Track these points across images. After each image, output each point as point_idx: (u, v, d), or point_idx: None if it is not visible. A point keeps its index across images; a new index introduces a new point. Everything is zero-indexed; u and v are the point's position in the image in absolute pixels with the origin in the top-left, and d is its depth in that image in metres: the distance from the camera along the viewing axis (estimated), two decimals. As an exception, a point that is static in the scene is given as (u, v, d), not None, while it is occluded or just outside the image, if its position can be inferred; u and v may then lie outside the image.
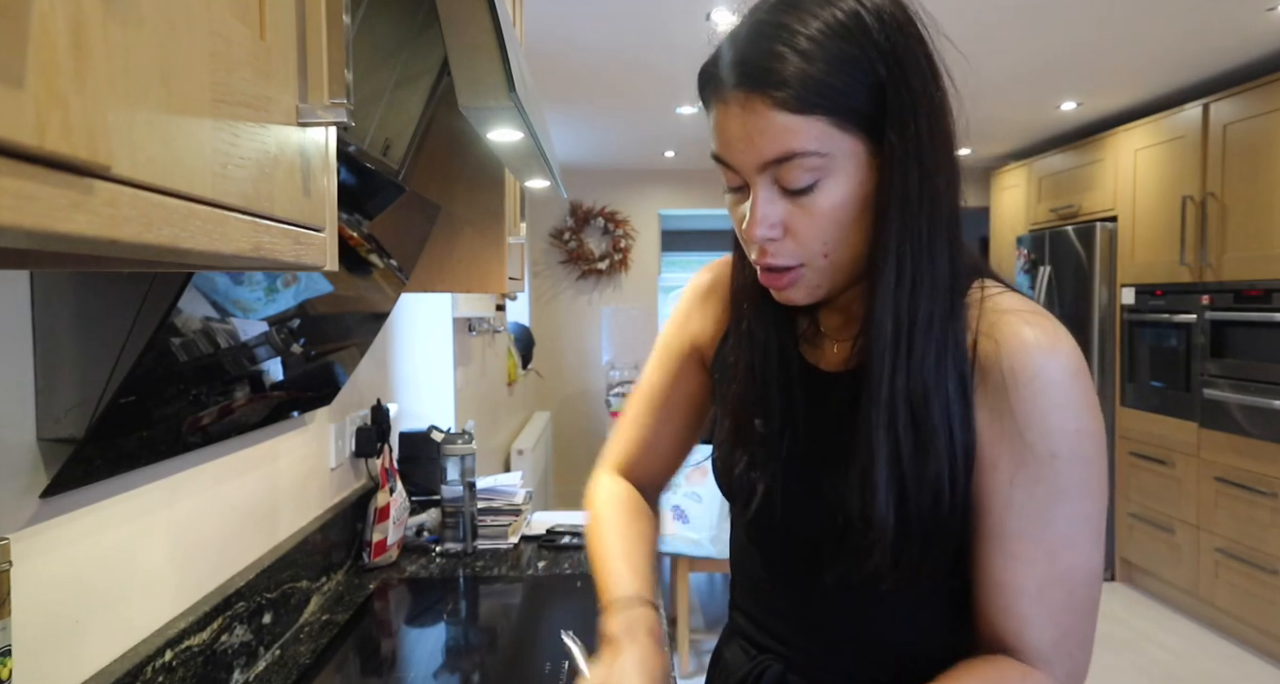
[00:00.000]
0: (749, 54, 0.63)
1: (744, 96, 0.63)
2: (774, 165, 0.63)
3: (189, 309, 0.84)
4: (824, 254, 0.67)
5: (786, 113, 0.61)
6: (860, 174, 0.65)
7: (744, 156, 0.65)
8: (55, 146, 0.24)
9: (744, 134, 0.64)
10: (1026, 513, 0.64)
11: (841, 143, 0.63)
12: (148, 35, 0.31)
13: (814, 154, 0.62)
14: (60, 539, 0.82)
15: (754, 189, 0.66)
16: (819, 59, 0.61)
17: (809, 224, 0.65)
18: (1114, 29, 2.78)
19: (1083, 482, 0.64)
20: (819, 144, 0.62)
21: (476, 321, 2.92)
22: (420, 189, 1.56)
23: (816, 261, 0.67)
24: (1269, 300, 3.02)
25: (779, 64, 0.61)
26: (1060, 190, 4.32)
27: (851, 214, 0.65)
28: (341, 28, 0.51)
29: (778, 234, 0.66)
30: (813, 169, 0.63)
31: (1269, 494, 3.02)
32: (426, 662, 1.29)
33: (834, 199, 0.64)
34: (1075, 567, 0.64)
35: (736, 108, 0.64)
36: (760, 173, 0.65)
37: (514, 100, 0.90)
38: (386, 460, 1.73)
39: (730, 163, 0.66)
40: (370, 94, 1.15)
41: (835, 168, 0.64)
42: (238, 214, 0.40)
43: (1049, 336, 0.64)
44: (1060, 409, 0.63)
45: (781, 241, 0.66)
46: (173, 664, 0.99)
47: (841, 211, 0.65)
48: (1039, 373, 0.63)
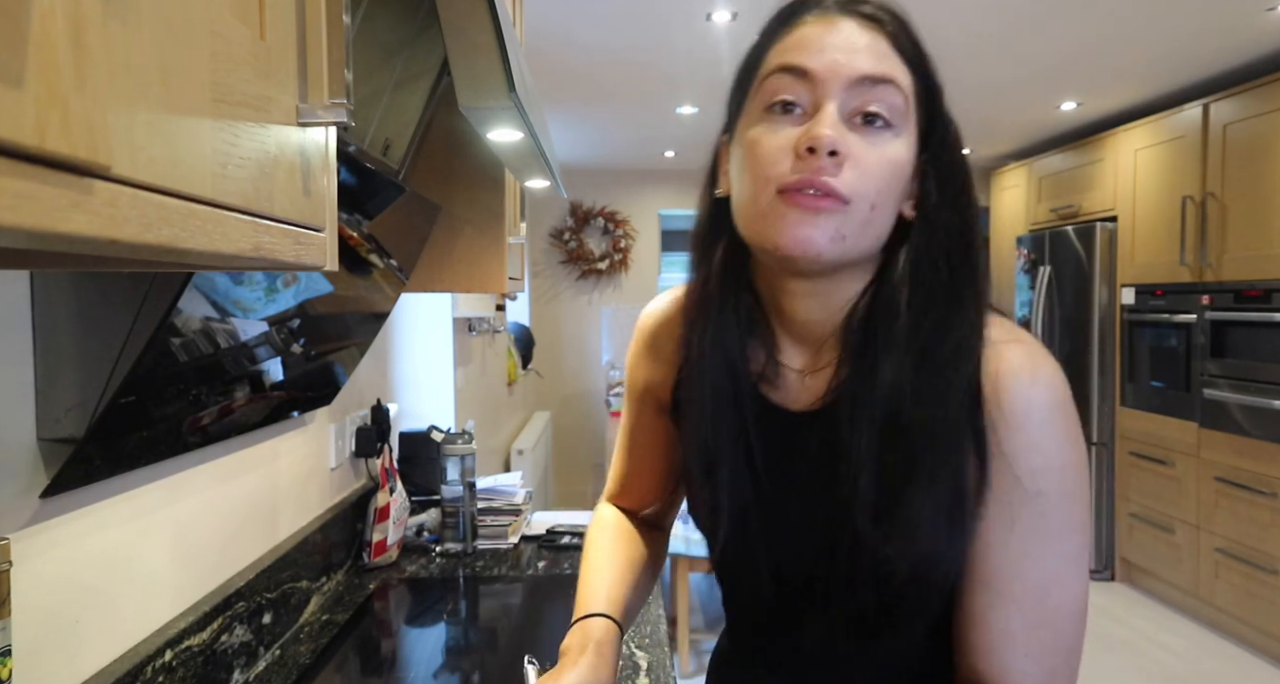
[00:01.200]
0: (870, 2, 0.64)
1: (855, 21, 0.62)
2: (865, 86, 0.60)
3: (189, 309, 0.84)
4: (872, 204, 0.61)
5: (895, 48, 0.62)
6: (911, 152, 0.63)
7: (838, 65, 0.61)
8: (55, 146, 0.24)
9: (848, 44, 0.61)
10: (1012, 551, 0.62)
11: (912, 110, 0.63)
12: (147, 35, 0.31)
13: (903, 94, 0.62)
14: (60, 539, 0.82)
15: (824, 107, 0.60)
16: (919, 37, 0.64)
17: (874, 160, 0.61)
18: (1114, 29, 2.78)
19: (1068, 517, 0.62)
20: (906, 90, 0.62)
21: (476, 321, 2.92)
22: (420, 189, 1.56)
23: (861, 208, 0.61)
24: (1269, 300, 3.02)
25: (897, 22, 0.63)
26: (1060, 190, 4.32)
27: (902, 179, 0.63)
28: (341, 28, 0.51)
29: (845, 148, 0.60)
30: (893, 109, 0.61)
31: (1269, 494, 3.02)
32: (426, 662, 1.29)
33: (899, 151, 0.62)
34: (1063, 605, 0.62)
35: (846, 22, 0.62)
36: (845, 90, 0.61)
37: (514, 100, 0.90)
38: (386, 460, 1.73)
39: (815, 69, 0.61)
40: (370, 94, 1.15)
41: (903, 125, 0.62)
42: (238, 214, 0.40)
43: (1029, 368, 0.62)
44: (1044, 446, 0.61)
45: (843, 166, 0.60)
46: (173, 664, 0.99)
47: (899, 168, 0.62)
48: (1022, 409, 0.61)
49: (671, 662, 1.25)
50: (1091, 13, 2.62)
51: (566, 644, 0.73)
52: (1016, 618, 0.62)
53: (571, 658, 0.71)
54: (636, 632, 1.34)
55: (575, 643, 0.73)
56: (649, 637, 1.32)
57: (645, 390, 0.85)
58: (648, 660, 1.23)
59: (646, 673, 1.20)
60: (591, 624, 0.75)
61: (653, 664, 1.22)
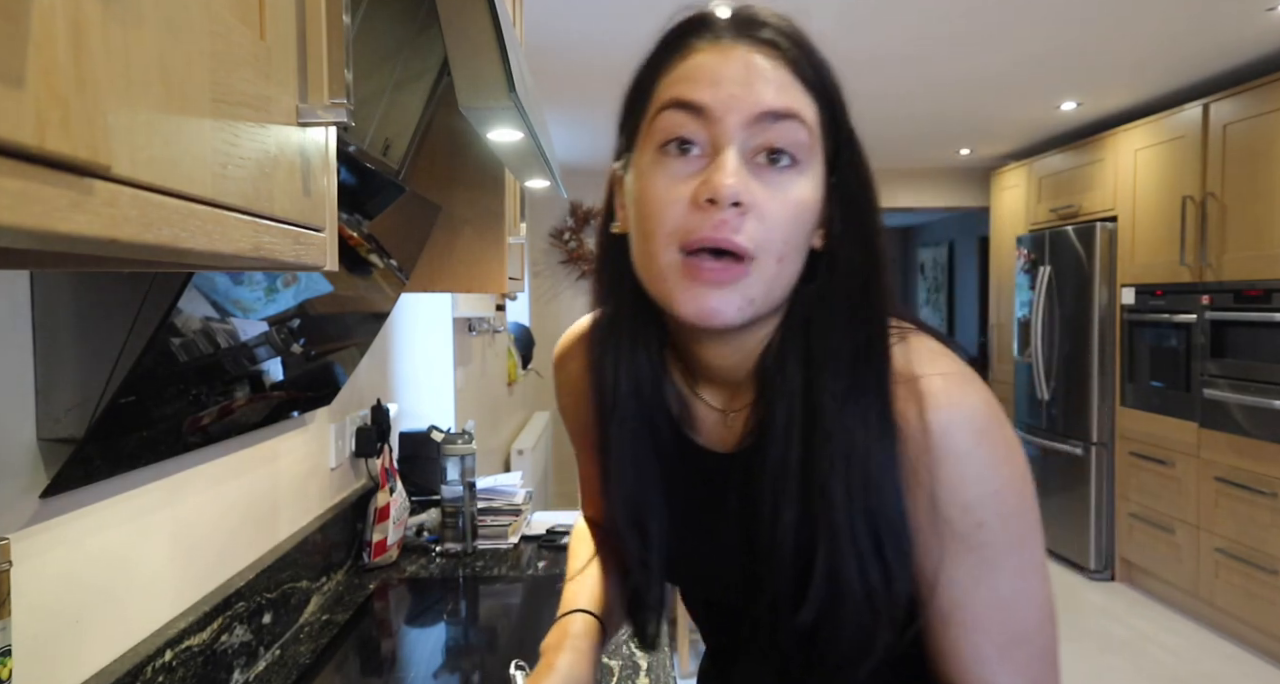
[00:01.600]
0: (758, 14, 0.59)
1: (751, 46, 0.57)
2: (767, 122, 0.56)
3: (189, 309, 0.84)
4: (779, 256, 0.57)
5: (795, 75, 0.57)
6: (818, 188, 0.59)
7: (737, 100, 0.56)
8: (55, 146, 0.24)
9: (745, 75, 0.56)
10: (964, 583, 0.59)
11: (818, 144, 0.59)
12: (147, 35, 0.31)
13: (807, 128, 0.57)
14: (60, 539, 0.82)
15: (726, 147, 0.56)
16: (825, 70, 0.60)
17: (778, 207, 0.56)
18: (1114, 29, 2.78)
19: (1015, 537, 0.59)
20: (812, 122, 0.57)
21: (476, 321, 2.92)
22: (420, 189, 1.56)
23: (768, 263, 0.57)
24: (1269, 300, 3.02)
25: (794, 39, 0.58)
26: (1060, 190, 4.32)
27: (809, 223, 0.59)
28: (341, 28, 0.51)
29: (750, 199, 0.55)
30: (797, 145, 0.57)
31: (1269, 494, 3.02)
32: (426, 662, 1.29)
33: (805, 191, 0.58)
34: (1029, 617, 0.60)
35: (741, 48, 0.57)
36: (744, 129, 0.56)
37: (514, 100, 0.90)
38: (386, 460, 1.73)
39: (710, 106, 0.56)
40: (370, 94, 1.15)
41: (809, 164, 0.58)
42: (238, 214, 0.40)
43: (941, 395, 0.58)
44: (973, 478, 0.57)
45: (746, 216, 0.56)
46: (173, 664, 0.99)
47: (805, 212, 0.58)
48: (940, 442, 0.57)
49: (671, 662, 1.25)
50: (1091, 13, 2.62)
51: (546, 643, 0.74)
52: (988, 644, 0.60)
53: (549, 658, 0.71)
54: (636, 632, 1.34)
55: (553, 642, 0.73)
56: (649, 637, 1.32)
57: (574, 425, 0.83)
58: (648, 660, 1.23)
59: (646, 673, 1.20)
60: (569, 621, 0.75)
61: (653, 664, 1.22)
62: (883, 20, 2.65)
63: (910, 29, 2.75)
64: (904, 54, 3.02)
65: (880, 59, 3.07)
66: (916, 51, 2.99)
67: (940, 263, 7.78)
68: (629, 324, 0.67)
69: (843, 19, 2.62)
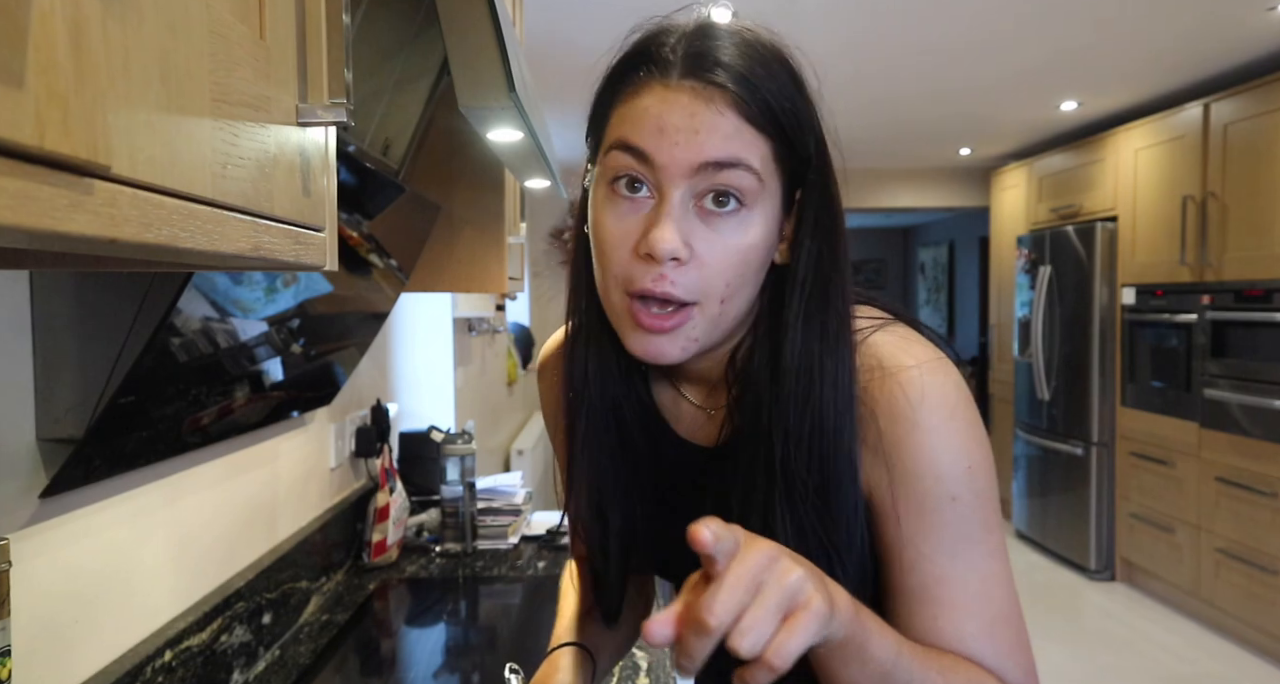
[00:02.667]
0: (711, 49, 0.57)
1: (699, 86, 0.56)
2: (708, 171, 0.56)
3: (189, 309, 0.84)
4: (722, 298, 0.59)
5: (743, 120, 0.57)
6: (774, 222, 0.60)
7: (680, 150, 0.56)
8: (55, 146, 0.24)
9: (690, 124, 0.56)
10: (943, 560, 0.60)
11: (771, 178, 0.59)
12: (147, 35, 0.31)
13: (755, 173, 0.57)
14: (60, 539, 0.82)
15: (669, 195, 0.57)
16: (781, 91, 0.58)
17: (720, 255, 0.58)
18: (1114, 29, 2.78)
19: (986, 516, 0.61)
20: (761, 167, 0.57)
21: (476, 322, 2.92)
22: (420, 189, 1.56)
23: (711, 305, 0.59)
24: (1269, 300, 3.02)
25: (745, 71, 0.57)
26: (1060, 190, 4.32)
27: (757, 260, 0.60)
28: (341, 28, 0.51)
29: (686, 255, 0.57)
30: (743, 191, 0.57)
31: (1269, 494, 3.02)
32: (426, 662, 1.29)
33: (750, 235, 0.58)
34: (1006, 600, 0.61)
35: (687, 95, 0.56)
36: (688, 178, 0.57)
37: (514, 100, 0.90)
38: (386, 460, 1.73)
39: (653, 155, 0.57)
40: (370, 94, 1.15)
41: (760, 202, 0.59)
42: (237, 214, 0.40)
43: (917, 388, 0.60)
44: (946, 453, 0.59)
45: (685, 268, 0.57)
46: (172, 664, 0.99)
47: (752, 253, 0.59)
48: (917, 421, 0.59)
49: (671, 662, 1.25)
50: (1092, 13, 2.62)
51: (534, 680, 0.75)
52: (969, 622, 0.60)
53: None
54: (636, 632, 1.34)
55: (541, 678, 0.75)
56: (649, 637, 1.32)
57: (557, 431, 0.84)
58: (648, 661, 1.23)
59: (646, 673, 1.20)
60: (558, 655, 0.76)
61: (653, 664, 1.22)
62: (884, 22, 2.65)
63: (912, 30, 2.75)
64: (905, 55, 3.02)
65: (882, 60, 3.07)
66: (918, 52, 2.99)
67: (940, 263, 7.78)
68: (598, 332, 0.68)
69: (843, 20, 2.62)
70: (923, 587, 0.61)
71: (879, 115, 3.93)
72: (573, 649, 0.77)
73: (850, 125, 3.91)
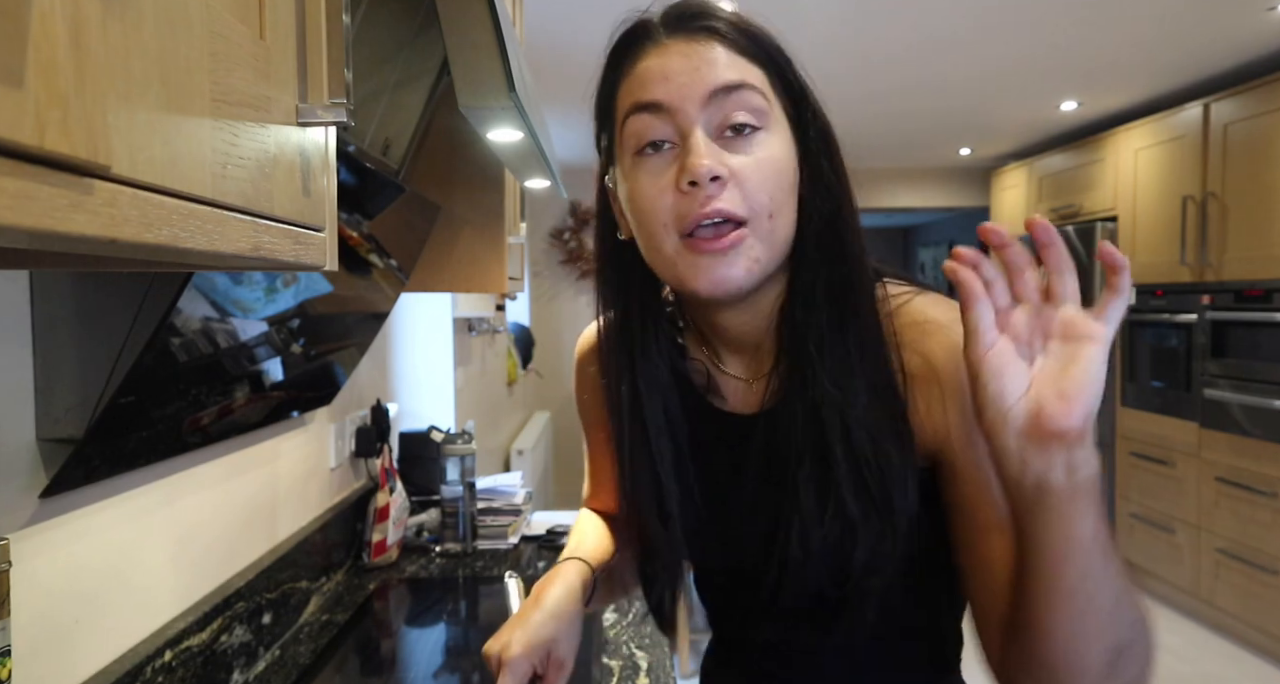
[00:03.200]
0: (689, 6, 0.64)
1: (687, 38, 0.62)
2: (720, 97, 0.60)
3: (189, 309, 0.84)
4: (769, 213, 0.61)
5: (735, 51, 0.62)
6: (787, 144, 0.64)
7: (687, 88, 0.60)
8: (55, 146, 0.24)
9: (689, 66, 0.61)
10: None
11: (775, 102, 0.63)
12: (147, 35, 0.31)
13: (759, 92, 0.62)
14: (60, 539, 0.82)
15: (692, 130, 0.61)
16: (761, 31, 0.64)
17: (754, 171, 0.61)
18: (1114, 29, 2.78)
19: None
20: (761, 86, 0.62)
21: (476, 321, 2.92)
22: (420, 189, 1.56)
23: (761, 222, 0.61)
24: (1269, 300, 3.02)
25: (725, 19, 0.63)
26: (1061, 190, 4.32)
27: (788, 176, 0.63)
28: (341, 28, 0.51)
29: (725, 173, 0.60)
30: (756, 110, 0.61)
31: (1269, 494, 3.02)
32: (426, 662, 1.29)
33: (772, 150, 0.62)
34: None
35: (679, 46, 0.62)
36: (702, 110, 0.61)
37: (514, 100, 0.90)
38: (386, 460, 1.73)
39: (665, 101, 0.61)
40: (370, 94, 1.15)
41: (771, 121, 0.63)
42: (237, 214, 0.40)
43: None
44: None
45: (727, 186, 0.60)
46: (172, 664, 0.99)
47: (783, 165, 0.62)
48: None
49: (671, 662, 1.25)
50: (1092, 12, 2.62)
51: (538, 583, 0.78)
52: None
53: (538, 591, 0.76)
54: (636, 632, 1.34)
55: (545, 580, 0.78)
56: (649, 637, 1.32)
57: (596, 419, 0.87)
58: (648, 661, 1.23)
59: (646, 673, 1.20)
60: (564, 565, 0.79)
61: (653, 664, 1.22)
62: (883, 20, 2.65)
63: (911, 29, 2.75)
64: (904, 54, 3.02)
65: (881, 59, 3.07)
66: (917, 51, 2.99)
67: (940, 263, 7.78)
68: (639, 319, 0.71)
69: (844, 19, 2.62)
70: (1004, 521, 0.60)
71: (879, 115, 3.93)
72: (577, 564, 0.79)
73: (850, 125, 3.90)
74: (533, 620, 0.72)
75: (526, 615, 0.73)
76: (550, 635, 0.71)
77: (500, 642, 0.71)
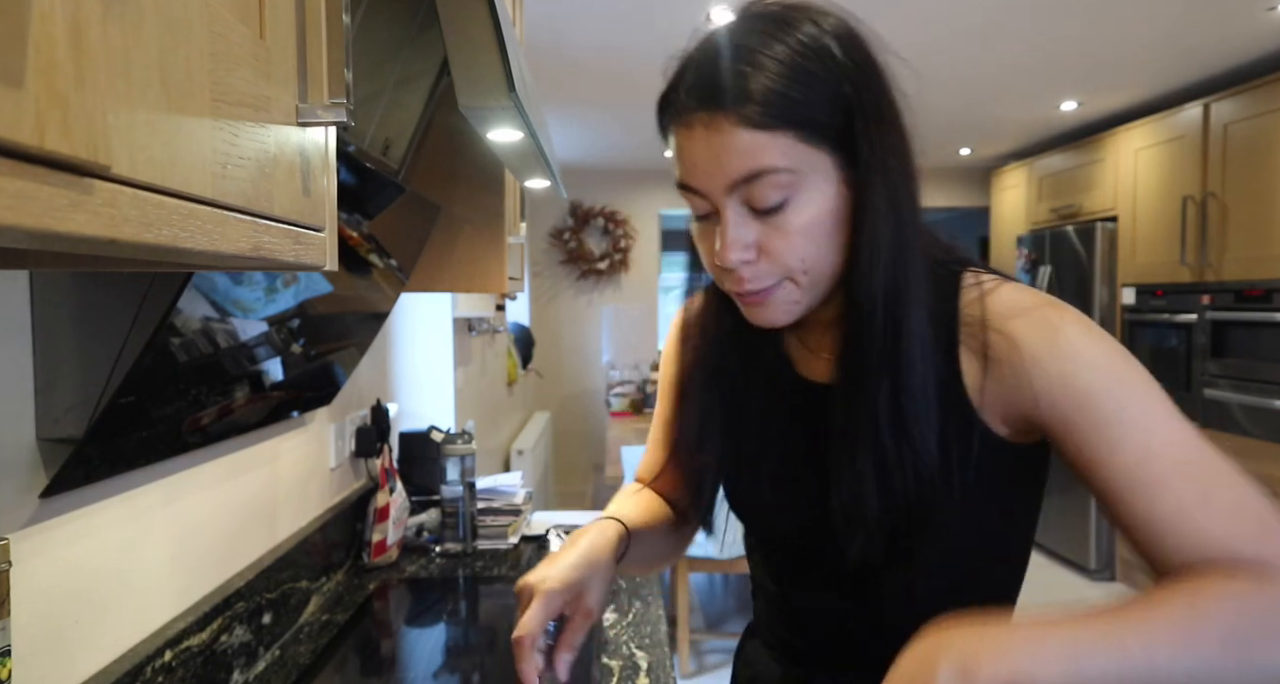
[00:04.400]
0: (710, 75, 0.63)
1: (707, 117, 0.63)
2: (743, 185, 0.63)
3: (189, 309, 0.84)
4: (803, 271, 0.66)
5: (752, 129, 0.61)
6: (831, 188, 0.64)
7: (711, 179, 0.64)
8: (55, 146, 0.24)
9: (710, 155, 0.63)
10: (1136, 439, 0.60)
11: (810, 157, 0.63)
12: (147, 35, 0.31)
13: (783, 170, 0.62)
14: (60, 539, 0.82)
15: (723, 213, 0.65)
16: (783, 76, 0.62)
17: (784, 243, 0.64)
18: (1114, 29, 2.78)
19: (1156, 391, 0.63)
20: (787, 160, 0.62)
21: (476, 321, 2.92)
22: (420, 189, 1.56)
23: (797, 277, 0.66)
24: (1270, 300, 3.02)
25: (742, 81, 0.61)
26: (1060, 190, 4.32)
27: (825, 229, 0.65)
28: (341, 28, 0.51)
29: (751, 256, 0.65)
30: (783, 186, 0.62)
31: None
32: (426, 662, 1.29)
33: (806, 216, 0.64)
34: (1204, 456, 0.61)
35: (700, 129, 0.63)
36: (729, 194, 0.64)
37: (514, 100, 0.90)
38: (386, 460, 1.73)
39: (697, 187, 0.65)
40: (370, 94, 1.15)
41: (805, 184, 0.63)
42: (237, 214, 0.40)
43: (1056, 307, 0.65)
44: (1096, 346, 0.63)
45: (756, 264, 0.66)
46: (172, 664, 0.99)
47: (816, 228, 0.64)
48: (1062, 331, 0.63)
49: (671, 662, 1.25)
50: (1092, 12, 2.62)
51: (575, 533, 0.79)
52: (1185, 491, 0.59)
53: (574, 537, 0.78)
54: (636, 632, 1.34)
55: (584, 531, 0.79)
56: (649, 637, 1.32)
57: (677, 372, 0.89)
58: (648, 660, 1.23)
59: (646, 673, 1.20)
60: (602, 523, 0.81)
61: (653, 664, 1.22)
62: (883, 20, 2.64)
63: (911, 29, 2.75)
64: (904, 53, 3.02)
65: (880, 59, 3.06)
66: (917, 51, 2.99)
67: (940, 263, 7.77)
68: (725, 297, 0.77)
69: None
70: (1128, 474, 0.61)
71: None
72: (614, 522, 0.80)
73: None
74: (568, 561, 0.73)
75: (562, 557, 0.74)
76: (584, 578, 0.73)
77: (537, 575, 0.72)
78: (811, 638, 0.81)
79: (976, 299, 0.68)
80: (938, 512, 0.66)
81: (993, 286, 0.68)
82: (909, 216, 0.66)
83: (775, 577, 0.85)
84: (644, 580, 1.59)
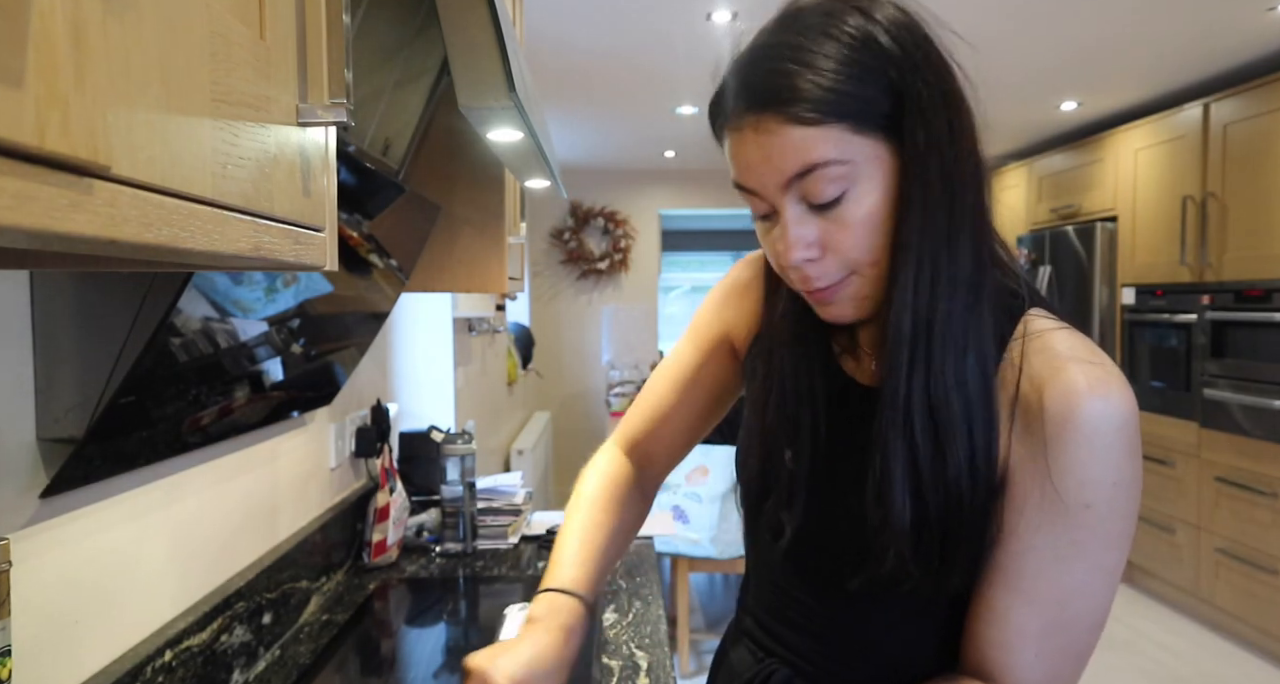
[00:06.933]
0: (755, 76, 0.63)
1: (756, 119, 0.62)
2: (797, 181, 0.62)
3: (189, 309, 0.84)
4: (871, 262, 0.64)
5: (802, 126, 0.60)
6: (888, 177, 0.63)
7: (765, 178, 0.63)
8: (55, 146, 0.24)
9: (762, 155, 0.62)
10: (1045, 558, 0.62)
11: (862, 147, 0.61)
12: (147, 35, 0.31)
13: (835, 162, 0.61)
14: (60, 539, 0.82)
15: (782, 211, 0.64)
16: (828, 69, 0.60)
17: (847, 236, 0.63)
18: (1114, 29, 2.78)
19: (1111, 534, 0.61)
20: (839, 152, 0.61)
21: (476, 321, 2.92)
22: (420, 189, 1.56)
23: (864, 270, 0.65)
24: (1269, 300, 3.02)
25: (787, 80, 0.60)
26: (1060, 190, 4.32)
27: (888, 218, 0.63)
28: (341, 28, 0.51)
29: (815, 254, 0.64)
30: (838, 179, 0.61)
31: (1269, 494, 3.02)
32: (426, 662, 1.29)
33: (866, 206, 0.62)
34: (1083, 614, 0.62)
35: (750, 131, 0.63)
36: (785, 192, 0.63)
37: (514, 100, 0.90)
38: (386, 460, 1.73)
39: (752, 188, 0.65)
40: (370, 94, 1.15)
41: (860, 174, 0.62)
42: (238, 214, 0.40)
43: (1100, 383, 0.61)
44: (1101, 461, 0.60)
45: (822, 261, 0.64)
46: (172, 664, 0.99)
47: (877, 217, 0.63)
48: (1084, 422, 0.60)
49: (671, 662, 1.25)
50: (1092, 13, 2.62)
51: (534, 613, 0.75)
52: (1035, 620, 0.62)
53: (537, 632, 0.72)
54: (636, 632, 1.34)
55: (543, 616, 0.74)
56: (649, 637, 1.32)
57: (725, 335, 0.88)
58: (648, 660, 1.23)
59: (646, 673, 1.20)
60: (563, 605, 0.76)
61: (653, 664, 1.22)
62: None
63: (910, 29, 2.75)
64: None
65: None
66: (916, 51, 2.99)
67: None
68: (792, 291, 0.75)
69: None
70: (1015, 574, 0.63)
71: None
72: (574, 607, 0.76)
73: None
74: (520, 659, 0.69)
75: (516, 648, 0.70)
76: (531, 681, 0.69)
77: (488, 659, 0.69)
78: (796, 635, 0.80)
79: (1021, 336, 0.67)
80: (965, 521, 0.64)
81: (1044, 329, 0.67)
82: (962, 207, 0.63)
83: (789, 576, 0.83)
84: (644, 580, 1.59)
